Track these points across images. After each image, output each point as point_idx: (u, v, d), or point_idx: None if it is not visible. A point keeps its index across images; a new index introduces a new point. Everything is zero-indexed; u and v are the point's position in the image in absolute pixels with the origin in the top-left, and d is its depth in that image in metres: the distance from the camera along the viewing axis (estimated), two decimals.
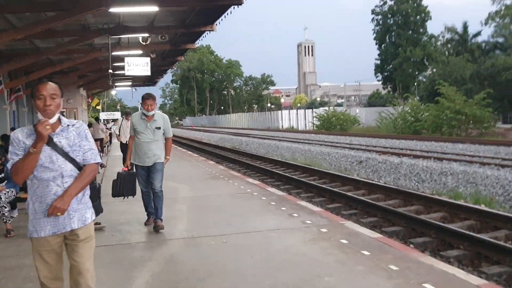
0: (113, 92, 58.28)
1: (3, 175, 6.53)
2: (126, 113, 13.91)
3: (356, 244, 5.28)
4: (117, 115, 44.05)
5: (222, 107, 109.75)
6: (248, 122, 68.78)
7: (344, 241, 5.41)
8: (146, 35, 16.01)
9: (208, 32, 16.51)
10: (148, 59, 17.66)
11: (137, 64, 17.57)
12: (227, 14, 14.54)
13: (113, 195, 6.24)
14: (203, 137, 39.34)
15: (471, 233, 5.93)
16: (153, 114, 6.25)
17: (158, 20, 14.99)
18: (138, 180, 6.33)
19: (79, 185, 2.86)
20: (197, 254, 5.17)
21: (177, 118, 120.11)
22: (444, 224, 6.44)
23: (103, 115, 45.74)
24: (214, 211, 7.41)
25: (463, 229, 6.76)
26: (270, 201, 7.91)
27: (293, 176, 12.01)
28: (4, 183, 6.44)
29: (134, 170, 6.46)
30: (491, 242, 5.53)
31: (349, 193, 9.16)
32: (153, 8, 12.52)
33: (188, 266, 4.73)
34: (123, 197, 6.29)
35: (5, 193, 6.26)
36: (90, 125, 20.31)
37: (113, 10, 12.06)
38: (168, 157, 6.51)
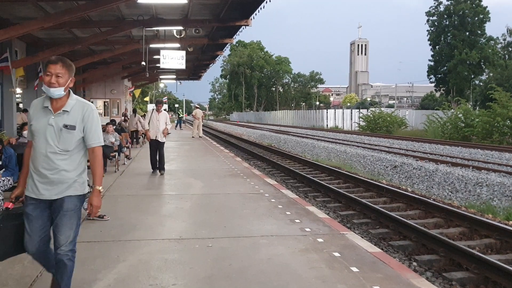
0: (161, 85, 59.37)
1: (0, 162, 6.46)
2: (158, 101, 11.74)
3: (348, 258, 4.84)
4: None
5: (270, 104, 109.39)
6: (293, 120, 68.13)
7: (336, 254, 4.98)
8: (181, 28, 15.99)
9: (244, 27, 16.33)
10: (183, 53, 17.63)
11: (173, 57, 17.56)
12: (261, 9, 14.27)
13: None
14: (244, 132, 39.09)
15: (480, 254, 5.30)
16: (62, 97, 3.25)
17: (192, 13, 14.94)
18: (25, 228, 3.28)
19: None
20: (174, 257, 4.88)
21: (224, 112, 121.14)
22: (453, 242, 5.83)
23: (150, 107, 46.72)
24: (215, 211, 7.10)
25: (480, 247, 6.16)
26: (278, 204, 7.54)
27: (314, 178, 11.52)
28: (1, 171, 6.38)
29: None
30: (499, 265, 4.90)
31: (363, 200, 8.61)
32: (182, 0, 12.43)
33: (156, 272, 4.44)
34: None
35: (0, 182, 6.20)
36: (134, 110, 20.77)
37: (141, 1, 12.06)
38: (98, 187, 3.34)
